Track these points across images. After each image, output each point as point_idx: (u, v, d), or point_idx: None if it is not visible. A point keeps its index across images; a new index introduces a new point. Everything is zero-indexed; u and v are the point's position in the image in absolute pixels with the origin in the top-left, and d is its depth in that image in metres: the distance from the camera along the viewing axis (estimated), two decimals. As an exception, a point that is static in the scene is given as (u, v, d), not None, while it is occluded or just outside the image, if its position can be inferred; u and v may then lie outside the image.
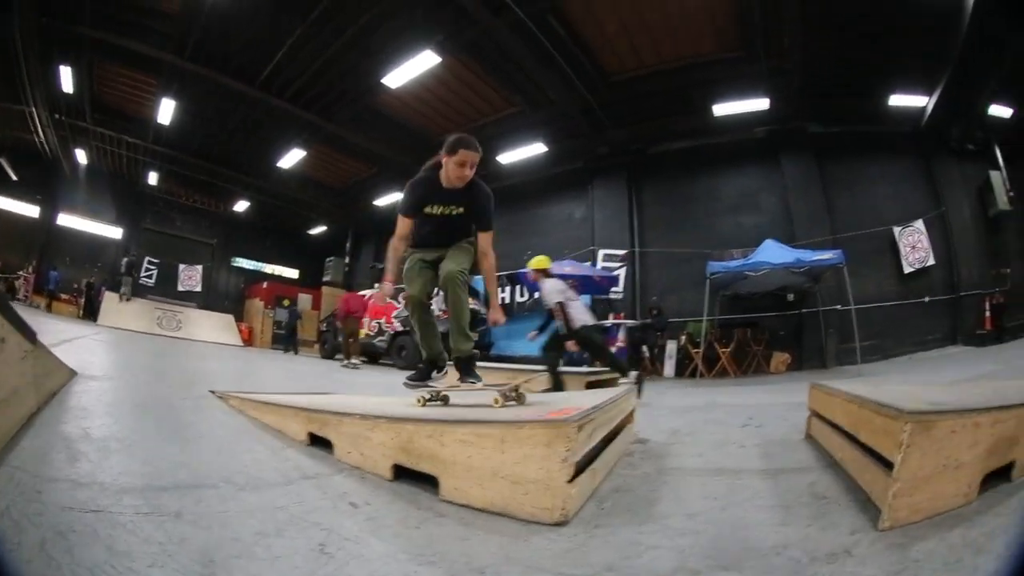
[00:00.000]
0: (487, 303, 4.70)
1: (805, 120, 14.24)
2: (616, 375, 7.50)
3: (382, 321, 13.85)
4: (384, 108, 15.54)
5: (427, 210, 3.66)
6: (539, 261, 7.42)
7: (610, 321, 12.78)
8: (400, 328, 13.18)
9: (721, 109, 13.70)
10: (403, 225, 3.76)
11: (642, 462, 3.50)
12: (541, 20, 11.61)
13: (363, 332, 13.82)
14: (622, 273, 14.72)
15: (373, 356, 14.38)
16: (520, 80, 13.98)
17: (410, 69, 13.08)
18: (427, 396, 3.56)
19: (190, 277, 22.21)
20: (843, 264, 11.08)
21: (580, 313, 7.20)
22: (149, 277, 21.11)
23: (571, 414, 2.46)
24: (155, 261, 21.53)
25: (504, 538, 2.22)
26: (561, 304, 7.00)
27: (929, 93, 13.75)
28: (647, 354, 13.39)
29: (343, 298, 14.07)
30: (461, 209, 3.68)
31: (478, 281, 15.08)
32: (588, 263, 14.38)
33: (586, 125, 14.80)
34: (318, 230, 25.08)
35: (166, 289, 21.50)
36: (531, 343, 13.80)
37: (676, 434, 4.45)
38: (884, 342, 13.34)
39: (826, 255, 11.38)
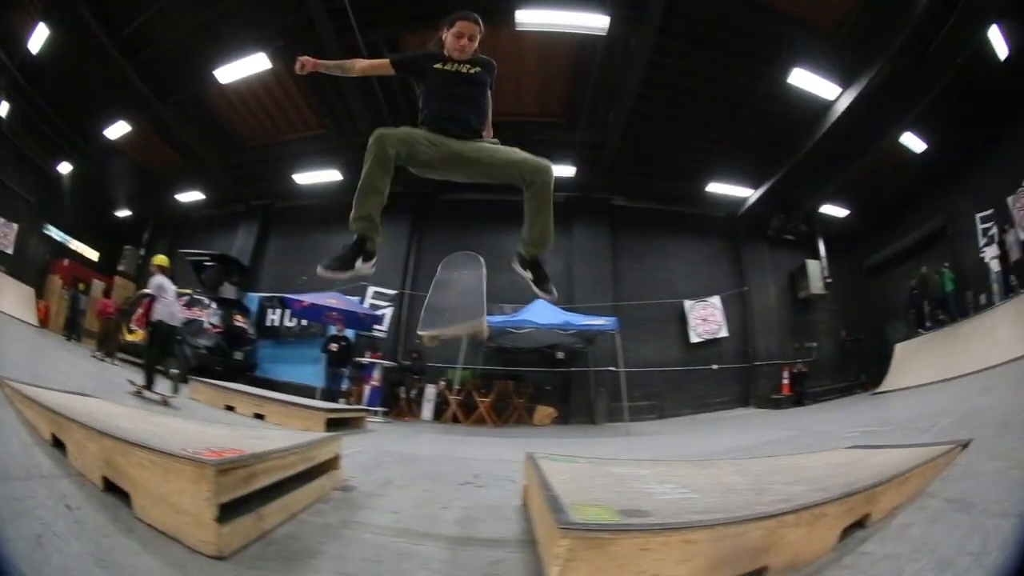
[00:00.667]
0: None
1: (611, 193, 15.71)
2: (363, 414, 8.65)
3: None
4: (209, 101, 15.19)
5: (438, 66, 3.48)
6: (160, 259, 8.30)
7: (367, 359, 12.69)
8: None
9: None
10: (379, 62, 3.76)
11: (333, 511, 3.49)
12: (377, 51, 11.57)
13: (140, 334, 12.44)
14: (389, 312, 14.88)
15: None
16: (335, 103, 14.20)
17: (241, 68, 13.05)
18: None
19: (4, 235, 19.39)
20: (615, 331, 11.82)
21: (166, 310, 7.77)
22: None
23: (223, 457, 2.62)
24: None
25: (167, 561, 2.42)
26: (151, 296, 7.56)
27: (755, 187, 15.55)
28: (404, 395, 13.73)
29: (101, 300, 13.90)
30: (477, 68, 3.52)
31: (251, 299, 14.50)
32: (357, 298, 14.26)
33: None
34: (124, 213, 22.01)
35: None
36: (298, 369, 13.44)
37: (388, 485, 4.49)
38: (663, 403, 14.58)
39: (598, 320, 12.11)
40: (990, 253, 13.58)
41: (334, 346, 12.48)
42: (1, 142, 18.58)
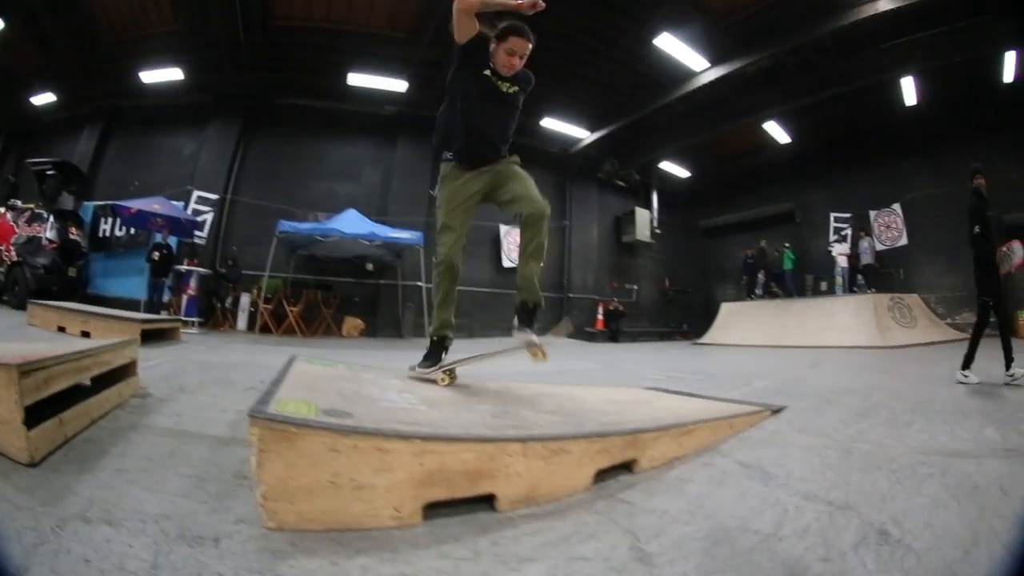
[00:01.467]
0: None
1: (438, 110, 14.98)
2: (178, 324, 8.28)
3: (2, 248, 12.25)
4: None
5: (483, 71, 3.42)
6: None
7: (184, 267, 12.27)
8: (16, 258, 11.80)
9: (357, 79, 14.35)
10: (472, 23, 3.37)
11: (126, 416, 3.46)
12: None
13: None
14: (209, 218, 14.04)
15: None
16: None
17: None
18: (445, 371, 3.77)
19: None
20: (421, 245, 12.02)
21: None
22: None
23: (26, 359, 2.58)
24: None
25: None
26: None
27: (593, 130, 16.15)
28: (219, 305, 13.28)
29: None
30: (516, 88, 3.52)
31: (87, 209, 13.65)
32: (181, 203, 13.66)
33: (228, 60, 14.18)
34: None
35: None
36: (127, 282, 13.43)
37: (182, 391, 4.39)
38: (472, 324, 14.96)
39: (404, 234, 12.13)
40: (839, 249, 15.91)
41: (156, 254, 11.86)
42: None
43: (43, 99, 16.55)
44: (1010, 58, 12.68)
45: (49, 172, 12.78)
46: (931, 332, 13.74)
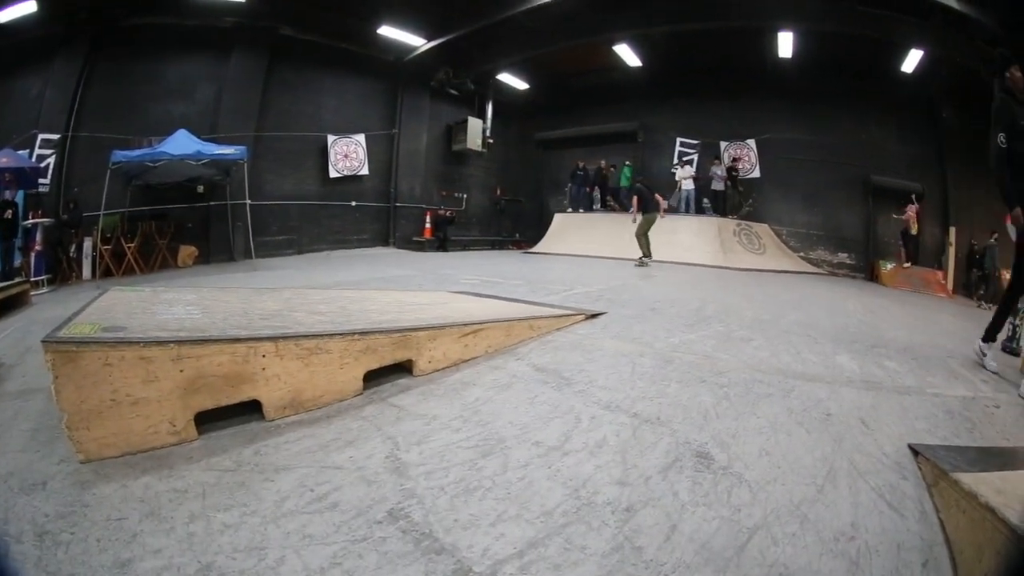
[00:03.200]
0: None
1: (281, 21, 15.14)
2: (27, 288, 8.29)
3: None
4: None
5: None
6: None
7: (29, 221, 11.65)
8: None
9: None
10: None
11: None
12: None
13: None
14: (51, 161, 13.16)
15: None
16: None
17: None
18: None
19: None
20: (244, 160, 11.94)
21: None
22: None
23: None
24: None
25: None
26: None
27: (429, 38, 16.24)
28: (63, 255, 12.51)
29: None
30: None
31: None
32: (27, 151, 12.78)
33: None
34: None
35: None
36: None
37: (29, 350, 4.35)
38: (300, 238, 15.52)
39: (228, 150, 11.98)
40: (683, 173, 17.14)
41: (9, 213, 11.05)
42: None
43: None
44: (914, 55, 13.56)
45: None
46: (781, 261, 15.11)
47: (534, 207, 20.97)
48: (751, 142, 17.28)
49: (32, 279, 10.39)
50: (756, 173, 17.29)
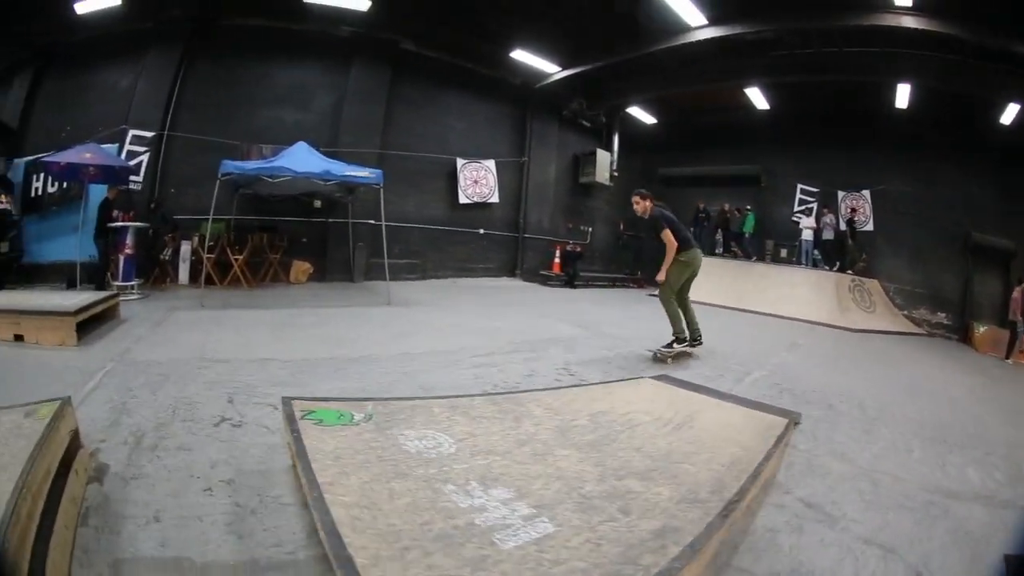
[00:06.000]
0: None
1: (402, 35, 14.12)
2: (115, 300, 7.50)
3: None
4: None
5: None
6: None
7: (119, 222, 10.30)
8: None
9: None
10: None
11: (94, 539, 2.52)
12: None
13: None
14: (145, 159, 12.19)
15: None
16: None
17: None
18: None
19: None
20: (380, 184, 10.34)
21: None
22: None
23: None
24: None
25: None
26: None
27: (564, 67, 15.08)
28: (161, 257, 11.66)
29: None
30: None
31: (18, 168, 12.42)
32: (115, 145, 11.88)
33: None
34: None
35: None
36: (61, 244, 11.52)
37: (140, 445, 3.53)
38: (424, 263, 14.37)
39: (362, 172, 10.41)
40: (806, 223, 16.19)
41: (117, 214, 10.31)
42: None
43: None
44: (1012, 109, 12.81)
45: None
46: (888, 320, 14.12)
47: (654, 244, 18.61)
48: (866, 193, 16.36)
49: (120, 282, 9.83)
50: (870, 226, 16.32)
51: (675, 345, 6.72)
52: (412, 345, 6.66)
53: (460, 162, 15.18)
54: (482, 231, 15.82)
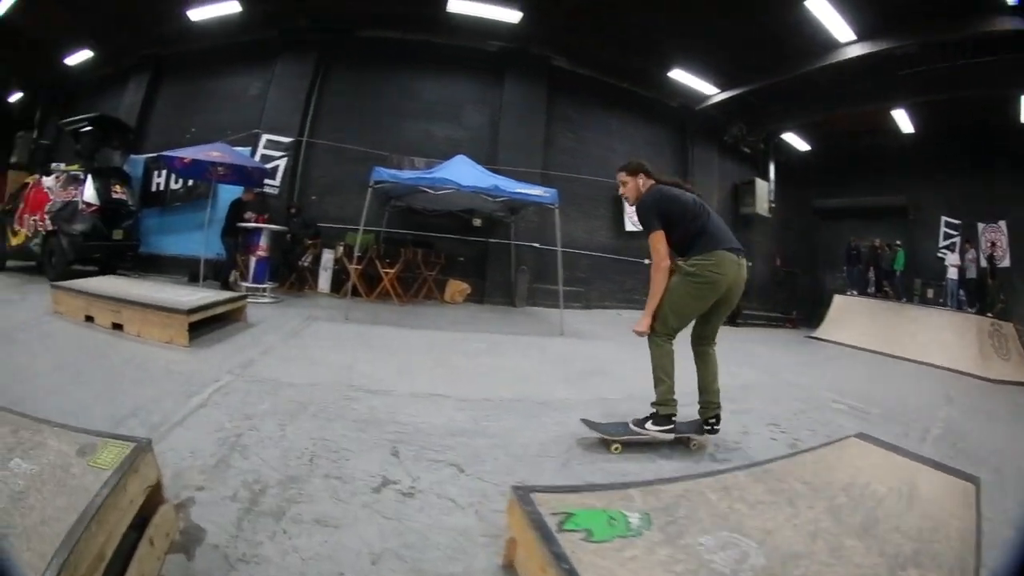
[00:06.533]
0: None
1: (553, 51, 13.42)
2: (241, 302, 7.07)
3: (36, 218, 10.72)
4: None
5: None
6: None
7: (252, 223, 10.28)
8: (52, 227, 10.29)
9: (459, 6, 11.68)
10: None
11: None
12: None
13: (23, 234, 10.85)
14: (282, 164, 12.35)
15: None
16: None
17: None
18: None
19: None
20: (555, 205, 9.29)
21: None
22: None
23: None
24: None
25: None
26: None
27: (723, 88, 14.07)
28: (299, 263, 11.42)
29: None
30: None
31: (136, 163, 13.20)
32: (248, 149, 12.14)
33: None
34: (16, 96, 18.89)
35: None
36: (185, 238, 12.23)
37: (252, 512, 2.91)
38: (588, 291, 13.21)
39: (535, 191, 9.40)
40: (951, 260, 14.42)
41: (250, 215, 10.41)
42: None
43: (80, 57, 15.25)
44: None
45: (84, 129, 11.26)
46: (1022, 371, 12.00)
47: (809, 282, 18.04)
48: (1002, 224, 14.46)
49: (250, 284, 9.66)
50: (1006, 261, 14.26)
51: (649, 425, 3.76)
52: (604, 388, 5.45)
53: (623, 186, 14.07)
54: (647, 261, 14.06)
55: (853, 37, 11.31)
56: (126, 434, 2.32)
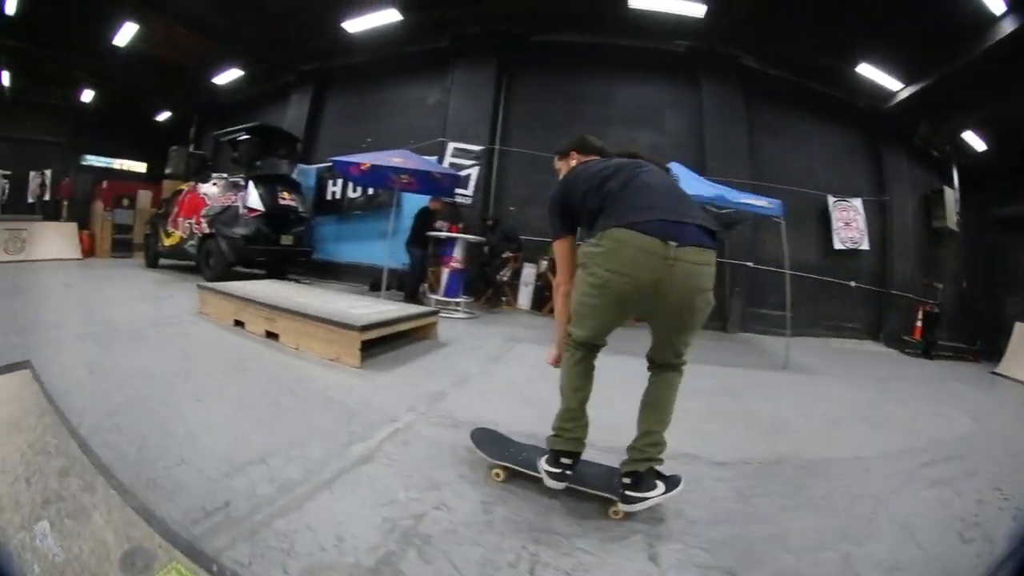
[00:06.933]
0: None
1: (740, 49, 12.21)
2: (432, 319, 6.31)
3: (192, 221, 11.24)
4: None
5: None
6: None
7: (444, 232, 9.73)
8: (208, 230, 10.69)
9: (642, 1, 10.78)
10: None
11: None
12: None
13: (177, 235, 11.58)
14: (474, 173, 11.89)
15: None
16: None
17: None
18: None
19: (40, 185, 19.17)
20: (782, 217, 8.24)
21: None
22: (3, 193, 18.48)
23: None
24: (6, 173, 18.64)
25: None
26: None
27: (908, 83, 12.37)
28: (496, 278, 10.92)
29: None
30: None
31: (308, 172, 11.72)
32: (434, 158, 11.56)
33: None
34: (165, 116, 21.96)
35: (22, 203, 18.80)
36: (364, 247, 12.39)
37: None
38: (796, 317, 10.84)
39: (760, 201, 8.24)
40: None
41: (444, 225, 9.96)
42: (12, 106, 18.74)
43: (229, 77, 16.66)
44: None
45: (242, 139, 11.49)
46: None
47: (988, 304, 14.94)
48: None
49: (441, 297, 9.33)
50: None
51: (545, 464, 2.65)
52: (857, 442, 4.27)
53: (831, 199, 12.71)
54: (853, 284, 12.87)
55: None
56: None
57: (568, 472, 2.57)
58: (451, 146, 11.94)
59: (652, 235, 2.24)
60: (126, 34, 14.43)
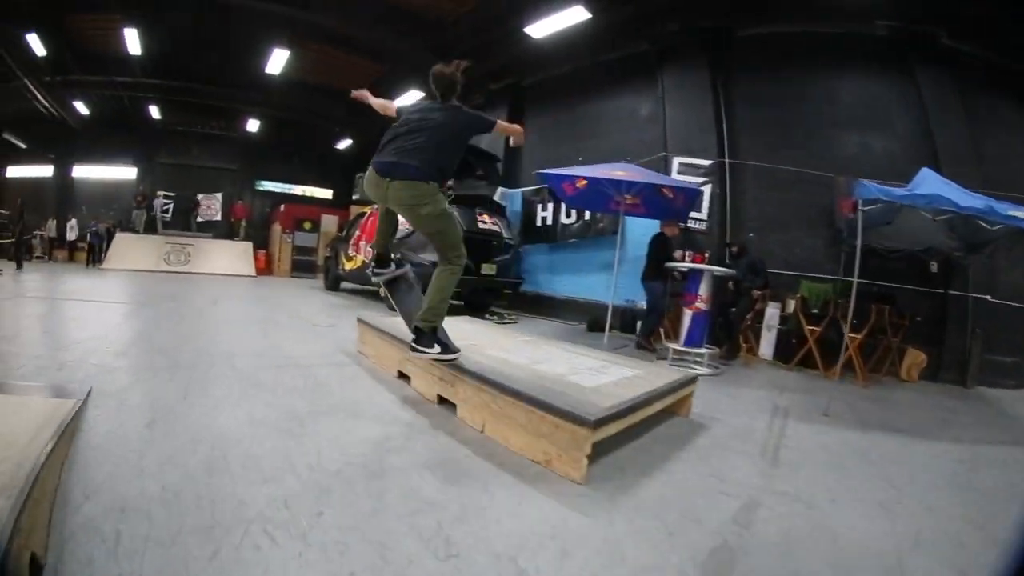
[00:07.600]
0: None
1: (936, 26, 9.41)
2: (689, 388, 4.45)
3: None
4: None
5: None
6: None
7: (687, 264, 7.54)
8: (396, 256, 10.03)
9: None
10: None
11: None
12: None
13: (359, 259, 11.21)
14: (707, 192, 9.87)
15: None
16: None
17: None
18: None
19: (209, 207, 21.24)
20: None
21: None
22: (166, 212, 20.09)
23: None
24: (170, 195, 20.37)
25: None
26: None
27: None
28: (745, 321, 8.70)
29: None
30: None
31: (513, 197, 12.82)
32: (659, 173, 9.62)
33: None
34: (345, 144, 23.37)
35: (188, 223, 20.61)
36: (584, 280, 11.26)
37: None
38: (1020, 362, 8.77)
39: None
40: None
41: (686, 255, 7.85)
42: (180, 137, 22.41)
43: (410, 98, 15.23)
44: None
45: None
46: None
47: None
48: None
49: (679, 346, 7.12)
50: None
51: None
52: None
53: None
54: None
55: None
56: None
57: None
58: (676, 161, 10.27)
59: (377, 171, 3.71)
60: (277, 62, 15.04)
